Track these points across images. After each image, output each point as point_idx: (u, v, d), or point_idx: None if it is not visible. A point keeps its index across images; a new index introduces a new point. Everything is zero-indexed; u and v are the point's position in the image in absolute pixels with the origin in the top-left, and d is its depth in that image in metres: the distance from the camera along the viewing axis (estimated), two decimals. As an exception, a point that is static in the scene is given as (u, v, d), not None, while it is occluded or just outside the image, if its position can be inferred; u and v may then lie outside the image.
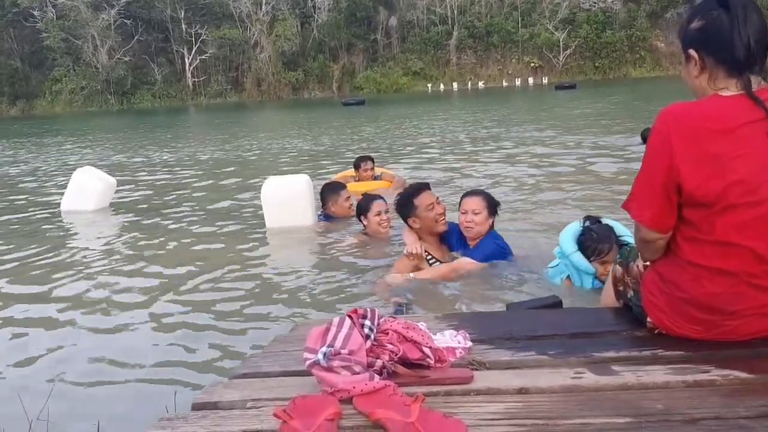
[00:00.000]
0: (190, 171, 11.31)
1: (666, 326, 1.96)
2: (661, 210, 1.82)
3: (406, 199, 3.92)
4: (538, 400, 1.66)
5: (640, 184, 1.86)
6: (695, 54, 1.83)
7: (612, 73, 52.87)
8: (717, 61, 1.79)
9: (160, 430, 1.62)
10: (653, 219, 1.84)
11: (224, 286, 4.20)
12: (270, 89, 56.73)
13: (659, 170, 1.79)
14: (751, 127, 1.72)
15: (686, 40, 1.86)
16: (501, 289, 3.61)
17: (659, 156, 1.78)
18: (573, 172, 8.05)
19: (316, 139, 16.37)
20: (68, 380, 2.93)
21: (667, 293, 1.92)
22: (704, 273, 1.82)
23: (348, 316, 1.87)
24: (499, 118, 19.48)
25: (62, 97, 56.68)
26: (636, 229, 1.93)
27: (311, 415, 1.56)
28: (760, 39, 1.76)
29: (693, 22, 1.83)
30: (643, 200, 1.85)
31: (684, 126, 1.75)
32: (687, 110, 1.78)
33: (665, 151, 1.76)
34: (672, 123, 1.77)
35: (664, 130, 1.77)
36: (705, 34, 1.80)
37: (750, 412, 1.51)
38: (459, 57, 57.10)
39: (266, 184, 5.83)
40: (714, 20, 1.78)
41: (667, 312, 1.93)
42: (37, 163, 14.47)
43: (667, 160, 1.76)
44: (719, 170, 1.72)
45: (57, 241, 5.97)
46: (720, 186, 1.72)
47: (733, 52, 1.76)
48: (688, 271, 1.85)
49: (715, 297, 1.81)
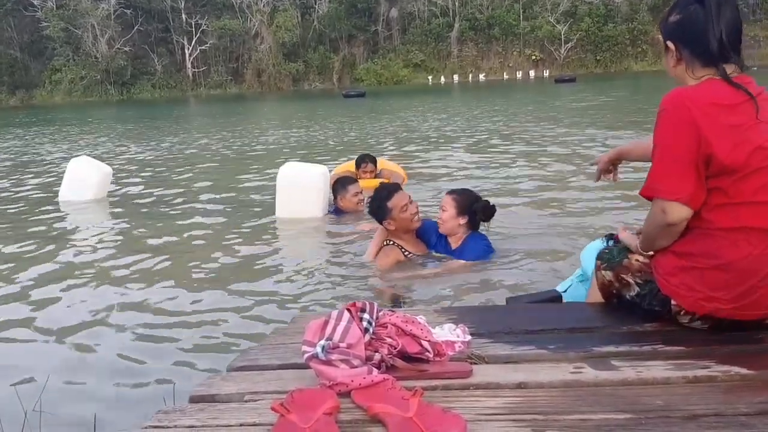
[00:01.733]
0: (190, 161, 11.28)
1: (695, 304, 1.94)
2: (695, 185, 1.85)
3: (379, 203, 3.96)
4: (537, 394, 1.65)
5: (666, 164, 1.88)
6: (672, 46, 1.95)
7: (613, 67, 52.74)
8: (692, 54, 1.92)
9: (158, 423, 1.61)
10: (692, 195, 1.86)
11: (223, 278, 4.19)
12: (270, 80, 56.58)
13: (688, 146, 1.82)
14: (745, 105, 1.84)
15: (665, 33, 1.98)
16: (500, 284, 3.61)
17: (684, 133, 1.82)
18: (573, 166, 8.03)
19: (316, 131, 16.34)
20: (64, 371, 2.91)
21: (693, 267, 1.92)
22: (740, 235, 1.86)
23: (347, 310, 1.86)
24: (499, 111, 19.43)
25: (62, 87, 56.50)
26: (658, 215, 1.92)
27: (309, 408, 1.56)
28: (733, 32, 1.87)
29: (672, 16, 1.95)
30: (674, 179, 1.86)
31: (700, 103, 1.82)
32: (694, 90, 1.86)
33: (690, 126, 1.81)
34: (687, 100, 1.83)
35: (683, 111, 1.82)
36: (681, 28, 1.93)
37: (750, 408, 1.50)
38: (460, 49, 56.94)
39: (283, 168, 5.80)
40: (690, 14, 1.89)
41: (694, 288, 1.92)
42: (36, 153, 14.43)
43: (695, 135, 1.80)
44: (741, 139, 1.81)
45: (54, 232, 5.96)
46: (745, 153, 1.81)
47: (706, 46, 1.87)
48: (723, 238, 1.88)
49: (753, 259, 1.85)
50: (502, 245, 4.30)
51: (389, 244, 4.01)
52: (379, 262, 3.98)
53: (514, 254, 4.11)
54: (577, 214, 5.28)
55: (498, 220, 5.20)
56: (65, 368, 2.97)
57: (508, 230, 4.86)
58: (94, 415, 2.30)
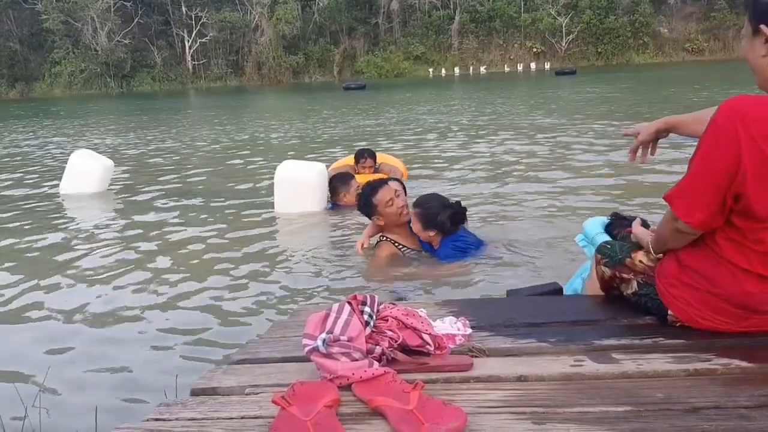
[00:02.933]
0: (191, 154, 11.28)
1: (691, 319, 1.92)
2: (713, 214, 1.73)
3: (365, 200, 3.96)
4: (538, 387, 1.66)
5: (694, 183, 1.73)
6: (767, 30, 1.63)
7: (615, 59, 52.53)
8: None
9: (159, 416, 1.61)
10: (703, 222, 1.75)
11: (224, 271, 4.19)
12: (270, 73, 56.36)
13: (722, 174, 1.65)
14: None
15: (758, 13, 1.65)
16: (501, 276, 3.61)
17: (725, 158, 1.63)
18: (574, 159, 8.02)
19: (316, 123, 16.31)
20: (65, 366, 2.92)
21: (694, 287, 1.88)
22: (744, 275, 1.79)
23: (347, 303, 1.86)
24: (499, 103, 19.39)
25: (61, 79, 56.32)
26: (671, 221, 1.83)
27: (310, 401, 1.56)
28: None
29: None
30: (695, 201, 1.74)
31: (752, 127, 1.60)
32: (754, 107, 1.61)
33: (733, 155, 1.62)
34: (740, 123, 1.60)
35: (732, 131, 1.61)
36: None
37: (750, 401, 1.51)
38: (461, 41, 56.69)
39: (281, 167, 5.81)
40: None
41: (693, 305, 1.89)
42: (36, 145, 14.42)
43: (734, 166, 1.63)
44: None
45: (54, 225, 5.96)
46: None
47: None
48: (726, 269, 1.81)
49: (750, 296, 1.80)
50: (503, 238, 4.30)
51: (382, 240, 4.01)
52: (374, 259, 3.98)
53: (515, 247, 4.11)
54: (578, 206, 5.28)
55: (498, 213, 5.23)
56: (65, 362, 2.98)
57: (509, 223, 4.86)
58: (95, 408, 2.30)
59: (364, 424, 1.51)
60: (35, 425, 2.31)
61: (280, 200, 5.74)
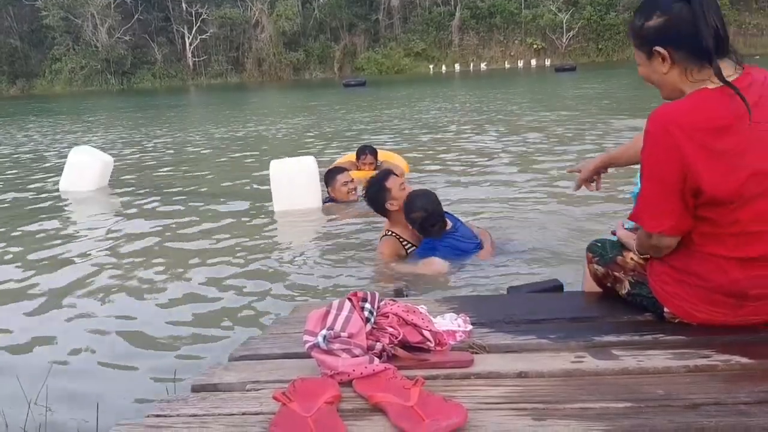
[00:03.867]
0: (190, 151, 11.28)
1: (688, 314, 1.94)
2: (680, 217, 1.80)
3: (378, 185, 3.93)
4: (538, 383, 1.66)
5: (650, 193, 1.82)
6: (663, 50, 1.82)
7: (615, 56, 52.43)
8: (689, 54, 1.79)
9: (160, 412, 1.62)
10: (673, 227, 1.83)
11: (225, 268, 4.19)
12: (271, 70, 56.31)
13: (673, 177, 1.75)
14: (742, 120, 1.72)
15: (649, 39, 1.84)
16: (501, 273, 3.61)
17: (669, 161, 1.74)
18: (573, 155, 8.02)
19: (315, 120, 16.30)
20: (67, 363, 2.93)
21: (686, 283, 1.91)
22: (728, 263, 1.82)
23: (348, 299, 1.86)
24: (498, 100, 19.36)
25: (62, 76, 56.29)
26: (645, 237, 1.90)
27: (311, 397, 1.56)
28: (722, 21, 1.77)
29: (652, 20, 1.83)
30: (658, 210, 1.82)
31: (685, 127, 1.72)
32: (680, 111, 1.75)
33: (675, 156, 1.73)
34: (672, 125, 1.73)
35: (667, 136, 1.73)
36: (671, 29, 1.80)
37: (750, 397, 1.51)
38: (461, 38, 56.61)
39: (272, 166, 5.81)
40: (678, 13, 1.78)
41: (688, 300, 1.92)
42: (37, 142, 14.42)
43: (681, 167, 1.73)
44: (732, 166, 1.72)
45: (54, 222, 5.96)
46: (737, 182, 1.72)
47: (702, 42, 1.74)
48: (710, 261, 1.84)
49: (738, 282, 1.82)
50: (503, 235, 4.30)
51: (388, 235, 3.98)
52: (377, 255, 3.97)
53: (515, 243, 4.11)
54: (578, 203, 5.27)
55: (499, 210, 5.23)
56: (67, 358, 2.99)
57: (509, 220, 4.86)
58: (97, 405, 2.31)
59: (365, 420, 1.52)
60: (38, 421, 2.32)
61: (277, 199, 5.74)
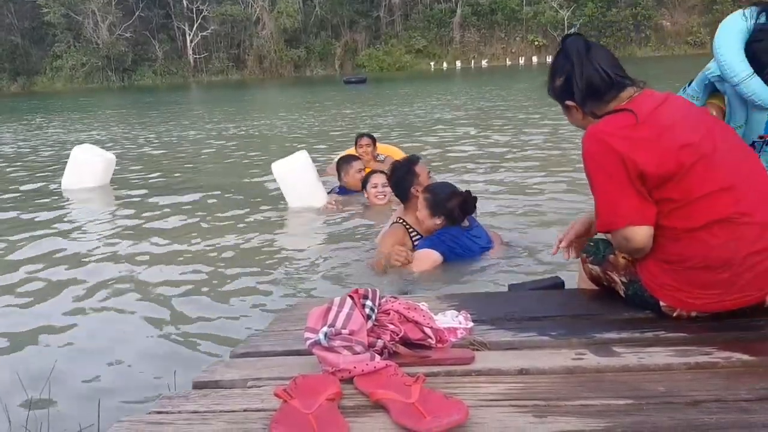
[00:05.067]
0: (192, 148, 11.28)
1: (683, 303, 1.96)
2: (639, 202, 1.90)
3: (407, 167, 3.87)
4: (539, 381, 1.66)
5: (605, 197, 1.95)
6: (572, 102, 2.07)
7: (617, 52, 50.63)
8: (592, 99, 2.04)
9: (162, 409, 1.62)
10: (638, 213, 1.91)
11: (226, 265, 4.19)
12: (272, 67, 56.29)
13: (617, 173, 1.89)
14: (649, 117, 1.92)
15: (561, 96, 2.11)
16: (503, 270, 3.60)
17: (609, 162, 1.90)
18: (573, 153, 8.01)
19: (315, 117, 16.30)
20: (69, 360, 2.93)
21: (675, 270, 1.94)
22: (702, 232, 1.88)
23: (349, 296, 1.86)
24: (499, 97, 19.35)
25: (63, 73, 56.33)
26: (623, 241, 1.96)
27: (312, 394, 1.57)
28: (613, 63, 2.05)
29: (556, 81, 2.10)
30: (617, 206, 1.92)
31: (610, 129, 1.92)
32: (602, 123, 1.97)
33: (612, 154, 1.90)
34: (603, 135, 1.92)
35: (601, 144, 1.92)
36: (569, 86, 2.05)
37: (751, 394, 1.51)
38: (462, 35, 56.55)
39: (274, 169, 5.79)
40: (569, 73, 2.05)
41: (680, 288, 1.94)
42: (39, 140, 14.42)
43: (619, 160, 1.88)
44: (662, 146, 1.88)
45: (56, 220, 5.95)
46: (672, 155, 1.87)
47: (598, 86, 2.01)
48: (688, 238, 1.90)
49: (720, 248, 1.86)
50: (504, 233, 4.29)
51: (398, 223, 3.84)
52: (382, 244, 3.84)
53: (517, 241, 4.11)
54: (579, 200, 5.27)
55: (500, 208, 5.22)
56: (69, 355, 2.99)
57: (511, 217, 4.86)
58: (98, 401, 2.31)
59: (366, 417, 1.52)
60: (39, 417, 2.33)
61: (290, 199, 5.73)
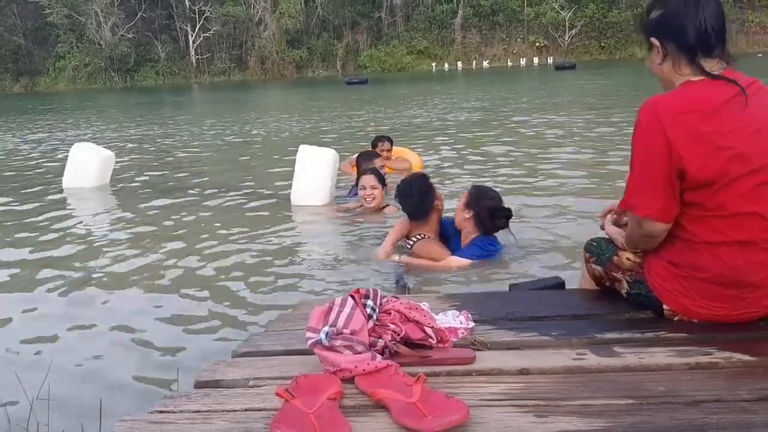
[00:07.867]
0: (193, 147, 11.29)
1: (687, 310, 1.95)
2: (667, 201, 1.84)
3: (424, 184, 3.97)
4: (540, 380, 1.66)
5: (639, 179, 1.88)
6: (657, 42, 1.93)
7: (618, 53, 52.32)
8: (678, 48, 1.89)
9: (163, 408, 1.62)
10: (661, 211, 1.86)
11: (227, 264, 4.19)
12: (274, 67, 56.31)
13: (659, 161, 1.81)
14: (730, 103, 1.80)
15: (647, 30, 1.97)
16: (504, 270, 3.61)
17: (655, 147, 1.81)
18: (573, 152, 8.02)
19: (316, 118, 16.29)
20: (69, 359, 2.92)
21: (685, 277, 1.92)
22: (722, 249, 1.85)
23: (350, 296, 1.87)
24: (499, 98, 19.34)
25: (65, 74, 56.39)
26: (636, 226, 1.94)
27: (313, 394, 1.57)
28: (717, 23, 1.86)
29: (652, 12, 1.95)
30: (646, 195, 1.86)
31: (673, 113, 1.80)
32: (670, 99, 1.85)
33: (661, 141, 1.80)
34: (661, 113, 1.81)
35: (655, 122, 1.81)
36: (664, 22, 1.91)
37: (752, 394, 1.51)
38: (464, 36, 56.55)
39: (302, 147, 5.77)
40: (672, 7, 1.89)
41: (687, 295, 1.93)
42: (40, 139, 14.43)
43: (666, 150, 1.80)
44: (715, 148, 1.78)
45: (56, 218, 5.95)
46: (720, 162, 1.78)
47: (692, 38, 1.85)
48: (706, 250, 1.87)
49: (736, 269, 1.84)
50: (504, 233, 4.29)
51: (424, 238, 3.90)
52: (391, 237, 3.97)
53: (517, 241, 4.11)
54: (580, 200, 5.27)
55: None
56: (70, 355, 2.99)
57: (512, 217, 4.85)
58: (100, 401, 2.32)
59: (367, 416, 1.52)
60: (40, 417, 2.33)
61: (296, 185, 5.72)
